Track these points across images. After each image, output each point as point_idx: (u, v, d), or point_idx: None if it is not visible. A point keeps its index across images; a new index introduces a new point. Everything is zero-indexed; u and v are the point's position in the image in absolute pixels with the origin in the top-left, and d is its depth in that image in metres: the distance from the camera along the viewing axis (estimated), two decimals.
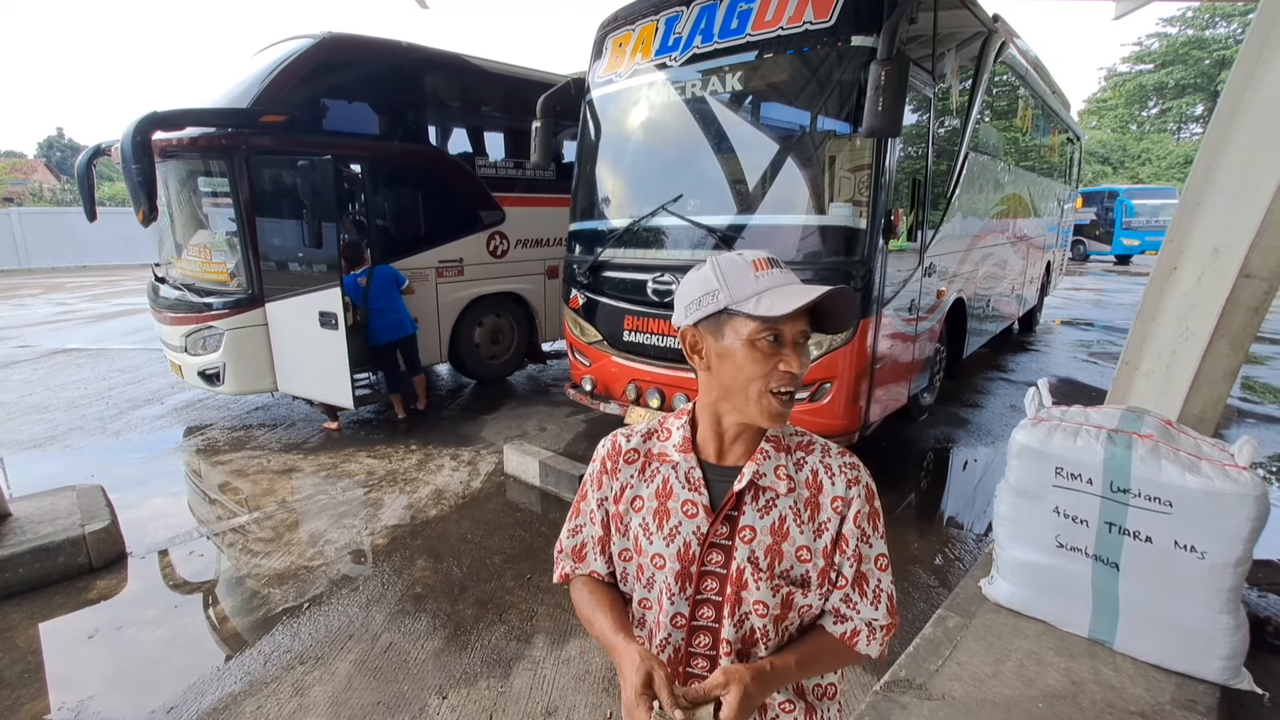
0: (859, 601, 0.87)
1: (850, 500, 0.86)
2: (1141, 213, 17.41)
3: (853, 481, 0.87)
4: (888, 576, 0.89)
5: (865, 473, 0.90)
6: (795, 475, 0.88)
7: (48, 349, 7.69)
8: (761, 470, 0.87)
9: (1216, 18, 28.65)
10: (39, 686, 2.24)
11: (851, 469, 0.88)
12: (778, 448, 0.89)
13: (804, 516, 0.86)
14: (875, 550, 0.89)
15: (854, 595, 0.88)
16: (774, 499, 0.87)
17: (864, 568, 0.87)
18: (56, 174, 34.74)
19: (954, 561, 3.03)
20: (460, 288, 5.54)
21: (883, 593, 0.88)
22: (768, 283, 0.83)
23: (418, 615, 2.62)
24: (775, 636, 0.88)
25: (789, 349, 0.82)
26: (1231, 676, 1.86)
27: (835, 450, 0.91)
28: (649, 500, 0.91)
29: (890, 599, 0.89)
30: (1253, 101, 2.14)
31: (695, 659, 0.90)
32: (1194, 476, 1.82)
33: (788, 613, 0.88)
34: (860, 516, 0.87)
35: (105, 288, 14.22)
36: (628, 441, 0.96)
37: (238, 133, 4.32)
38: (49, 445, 4.57)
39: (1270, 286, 2.18)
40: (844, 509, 0.86)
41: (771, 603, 0.86)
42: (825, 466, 0.88)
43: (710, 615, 0.88)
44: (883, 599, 0.88)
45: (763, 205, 3.41)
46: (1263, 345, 7.56)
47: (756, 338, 0.81)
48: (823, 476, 0.88)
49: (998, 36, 4.44)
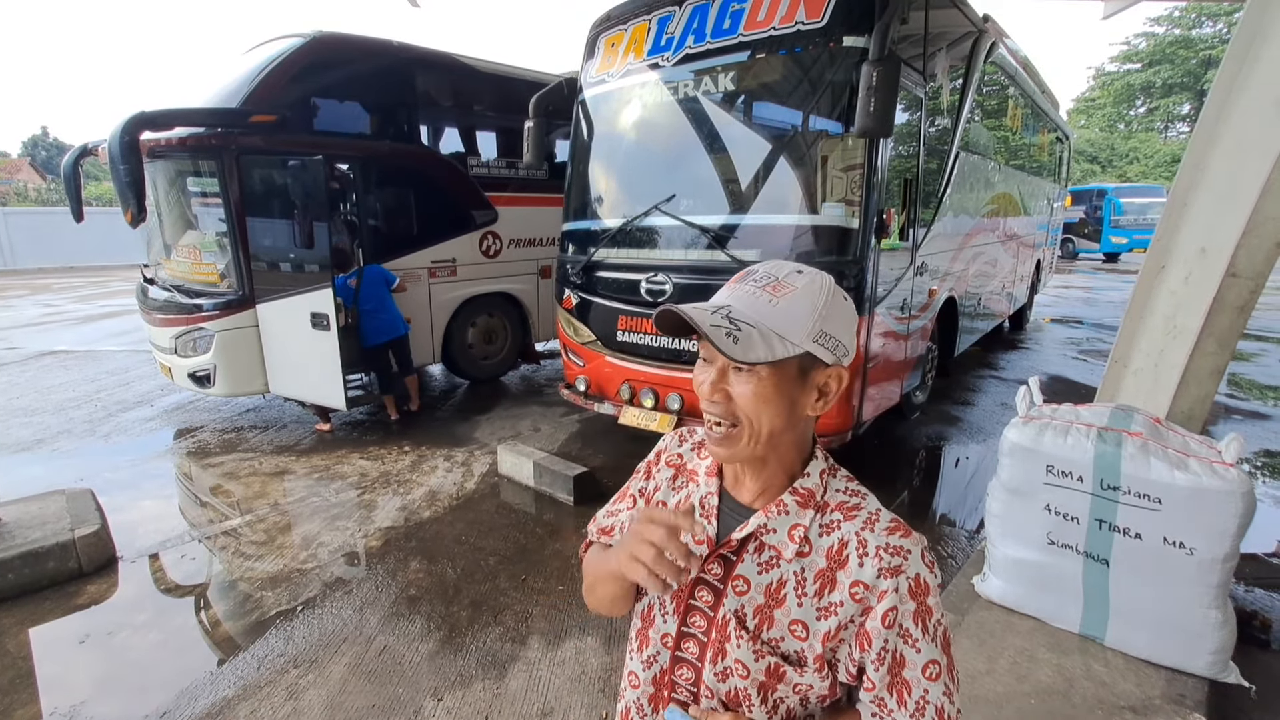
0: (896, 710, 0.71)
1: (880, 592, 0.70)
2: (1129, 211, 17.58)
3: (889, 571, 0.70)
4: (939, 688, 0.70)
5: (917, 562, 0.71)
6: (815, 540, 0.74)
7: (35, 351, 7.60)
8: (771, 525, 0.75)
9: (1203, 18, 28.96)
10: (30, 693, 2.22)
11: (894, 555, 0.70)
12: (804, 503, 0.75)
13: (809, 589, 0.73)
14: (924, 656, 0.70)
15: (889, 701, 0.71)
16: (776, 559, 0.75)
17: (906, 674, 0.70)
18: (42, 173, 34.32)
19: (946, 559, 3.05)
20: (453, 288, 5.52)
21: (928, 706, 0.70)
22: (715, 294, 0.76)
23: (412, 617, 2.61)
24: (762, 707, 0.76)
25: (715, 373, 0.72)
26: (1220, 670, 1.89)
27: (884, 527, 0.73)
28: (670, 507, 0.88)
29: (940, 714, 0.71)
30: (1239, 102, 2.16)
31: (678, 688, 0.82)
32: (1182, 474, 1.84)
33: (776, 684, 0.75)
34: (897, 615, 0.70)
35: (93, 289, 14.07)
36: (679, 444, 0.91)
37: (227, 133, 4.28)
38: (37, 449, 4.52)
39: (1256, 285, 2.22)
40: (867, 599, 0.70)
41: (754, 668, 0.75)
42: (860, 542, 0.72)
43: (695, 652, 0.79)
44: (927, 713, 0.70)
45: (755, 205, 3.42)
46: (1248, 342, 7.66)
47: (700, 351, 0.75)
48: (851, 552, 0.72)
49: (988, 36, 4.47)
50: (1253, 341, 7.78)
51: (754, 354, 0.67)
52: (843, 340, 0.72)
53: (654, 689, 0.83)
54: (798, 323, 0.69)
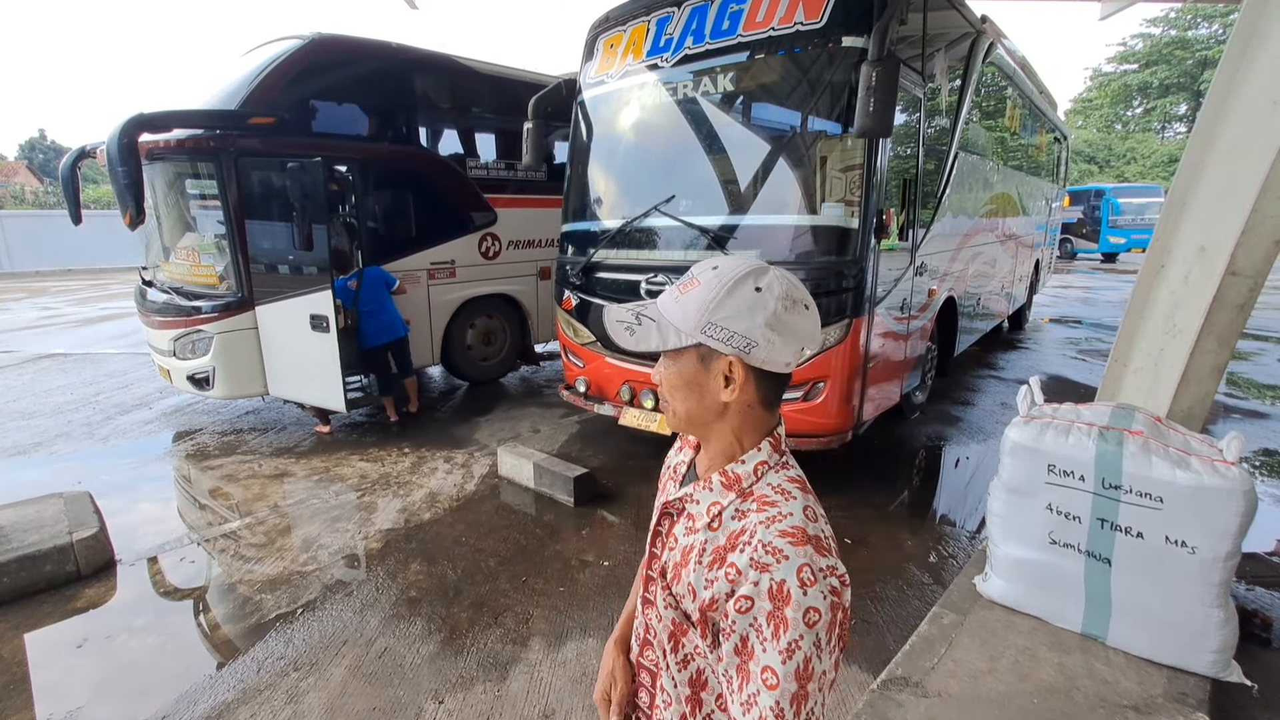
0: (735, 692, 0.72)
1: (744, 580, 0.71)
2: (1127, 211, 17.62)
3: (758, 565, 0.70)
4: (769, 699, 0.67)
5: (786, 571, 0.69)
6: (727, 521, 0.77)
7: (32, 354, 7.58)
8: (697, 497, 0.82)
9: (1199, 19, 29.08)
10: (25, 698, 2.20)
11: (768, 554, 0.70)
12: (728, 486, 0.79)
13: (706, 560, 0.77)
14: (764, 660, 0.68)
15: (735, 678, 0.72)
16: (693, 527, 0.81)
17: (750, 665, 0.70)
18: (39, 176, 34.28)
19: (947, 559, 3.05)
20: (452, 289, 5.51)
21: (755, 708, 0.68)
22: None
23: (412, 619, 2.61)
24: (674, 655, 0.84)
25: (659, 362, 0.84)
26: (1221, 669, 1.89)
27: (781, 529, 0.73)
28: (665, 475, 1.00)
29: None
30: (1237, 101, 2.17)
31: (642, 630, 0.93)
32: (1184, 472, 1.84)
33: (678, 643, 0.83)
34: (752, 605, 0.70)
35: (91, 291, 14.04)
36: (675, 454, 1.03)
37: (226, 134, 4.28)
38: (34, 452, 4.51)
39: (1255, 283, 2.22)
40: (736, 580, 0.72)
41: (665, 616, 0.83)
42: (752, 533, 0.73)
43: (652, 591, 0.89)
44: (752, 713, 0.69)
45: (755, 206, 3.43)
46: (1247, 341, 7.67)
47: None
48: (743, 540, 0.74)
49: (986, 37, 4.48)
50: (1251, 341, 7.79)
51: (645, 344, 0.75)
52: (736, 330, 0.74)
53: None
54: (690, 316, 0.75)
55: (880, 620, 2.57)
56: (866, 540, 3.19)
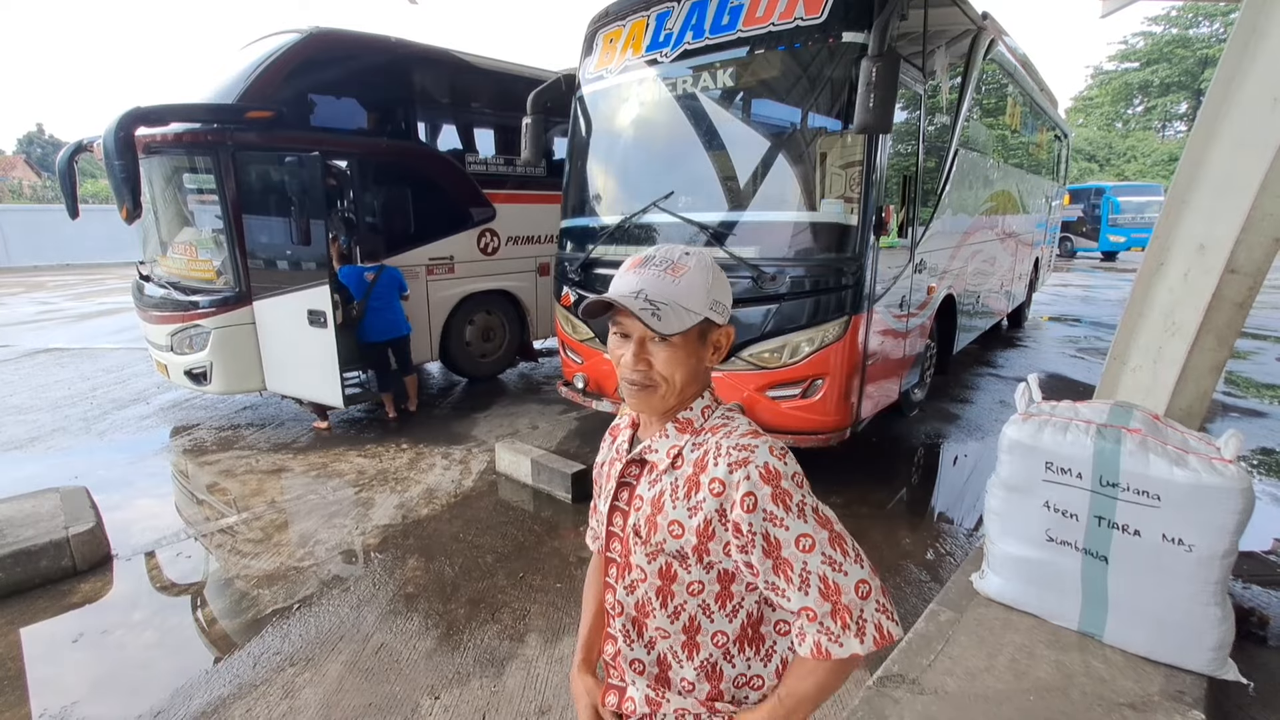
0: (786, 588, 0.81)
1: (735, 483, 0.81)
2: (1127, 210, 17.61)
3: (737, 464, 0.81)
4: (815, 558, 0.80)
5: (763, 453, 0.82)
6: (688, 455, 0.88)
7: (29, 348, 7.56)
8: (654, 446, 0.91)
9: (1200, 17, 29.01)
10: (20, 694, 2.20)
11: (740, 450, 0.82)
12: (682, 429, 0.90)
13: (681, 493, 0.86)
14: (793, 532, 0.80)
15: (779, 581, 0.81)
16: (658, 476, 0.90)
17: (784, 554, 0.80)
18: (37, 170, 34.19)
19: (945, 556, 3.05)
20: (451, 285, 5.50)
21: (811, 575, 0.80)
22: (617, 280, 0.87)
23: (409, 615, 2.60)
24: (663, 610, 0.90)
25: (635, 345, 0.86)
26: (1218, 667, 1.89)
27: (740, 432, 0.86)
28: (605, 465, 1.03)
29: (824, 582, 0.79)
30: (1237, 99, 2.16)
31: (609, 616, 0.99)
32: (1181, 470, 1.83)
33: (670, 586, 0.88)
34: (755, 500, 0.80)
35: (88, 286, 14.01)
36: (617, 418, 1.08)
37: (223, 129, 4.25)
38: (31, 447, 4.50)
39: (1255, 282, 2.21)
40: (726, 494, 0.82)
41: (649, 570, 0.90)
42: (717, 446, 0.85)
43: (614, 575, 0.96)
44: (812, 583, 0.79)
45: (754, 202, 3.41)
46: (1245, 341, 7.67)
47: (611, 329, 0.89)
48: (709, 457, 0.85)
49: (987, 34, 4.46)
50: (1250, 340, 7.80)
51: (673, 327, 0.82)
52: (726, 304, 0.89)
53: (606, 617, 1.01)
54: (696, 295, 0.84)
55: None
56: (865, 537, 3.19)
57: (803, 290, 3.18)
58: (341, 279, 4.50)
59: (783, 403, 3.32)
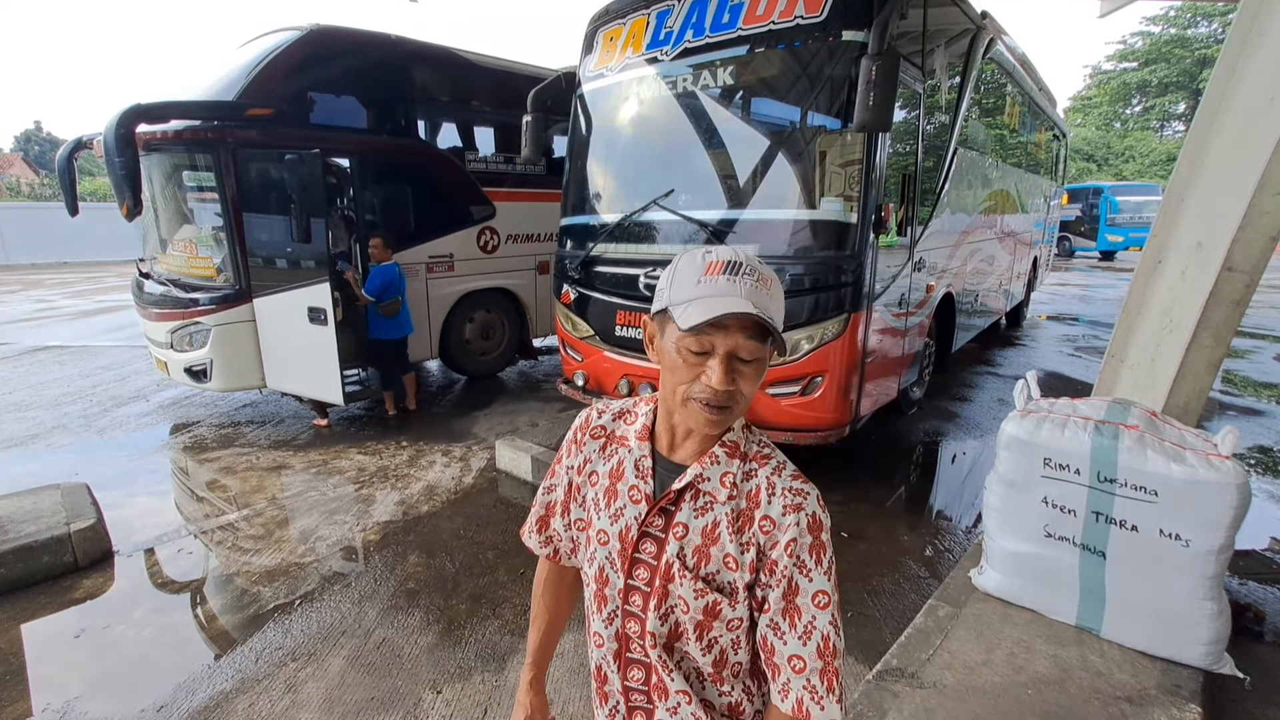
0: (787, 632, 0.82)
1: (783, 525, 0.81)
2: (1125, 209, 17.65)
3: (791, 508, 0.82)
4: (826, 616, 0.81)
5: (814, 502, 0.83)
6: (740, 485, 0.85)
7: (28, 346, 7.55)
8: (706, 474, 0.85)
9: (1198, 17, 29.07)
10: (21, 689, 2.21)
11: (795, 495, 0.82)
12: (731, 453, 0.86)
13: (736, 526, 0.84)
14: (815, 585, 0.81)
15: (782, 624, 0.82)
16: (711, 503, 0.85)
17: (799, 600, 0.81)
18: (35, 168, 34.12)
19: (944, 552, 3.06)
20: (450, 283, 5.50)
21: (815, 631, 0.80)
22: (707, 290, 0.78)
23: (411, 611, 2.61)
24: (698, 643, 0.87)
25: (717, 362, 0.78)
26: (1215, 662, 1.90)
27: (789, 472, 0.85)
28: (603, 478, 0.94)
29: (825, 641, 0.80)
30: (1234, 99, 2.17)
31: (630, 642, 0.92)
32: (1178, 466, 1.85)
33: (712, 621, 0.86)
34: (796, 546, 0.81)
35: (87, 284, 13.99)
36: (599, 417, 0.99)
37: (223, 126, 4.25)
38: (31, 444, 4.50)
39: (1251, 280, 2.23)
40: (773, 531, 0.82)
41: (694, 605, 0.85)
42: (769, 484, 0.84)
43: (639, 604, 0.89)
44: (814, 638, 0.80)
45: (754, 200, 3.42)
46: (1242, 339, 7.70)
47: (680, 345, 0.80)
48: (763, 494, 0.84)
49: (986, 33, 4.47)
50: (1247, 339, 7.82)
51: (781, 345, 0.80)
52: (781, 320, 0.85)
53: (617, 644, 0.93)
54: (781, 309, 0.81)
55: (877, 613, 2.59)
56: (864, 534, 3.20)
57: (802, 288, 3.19)
58: (380, 277, 4.53)
59: (782, 400, 3.33)
